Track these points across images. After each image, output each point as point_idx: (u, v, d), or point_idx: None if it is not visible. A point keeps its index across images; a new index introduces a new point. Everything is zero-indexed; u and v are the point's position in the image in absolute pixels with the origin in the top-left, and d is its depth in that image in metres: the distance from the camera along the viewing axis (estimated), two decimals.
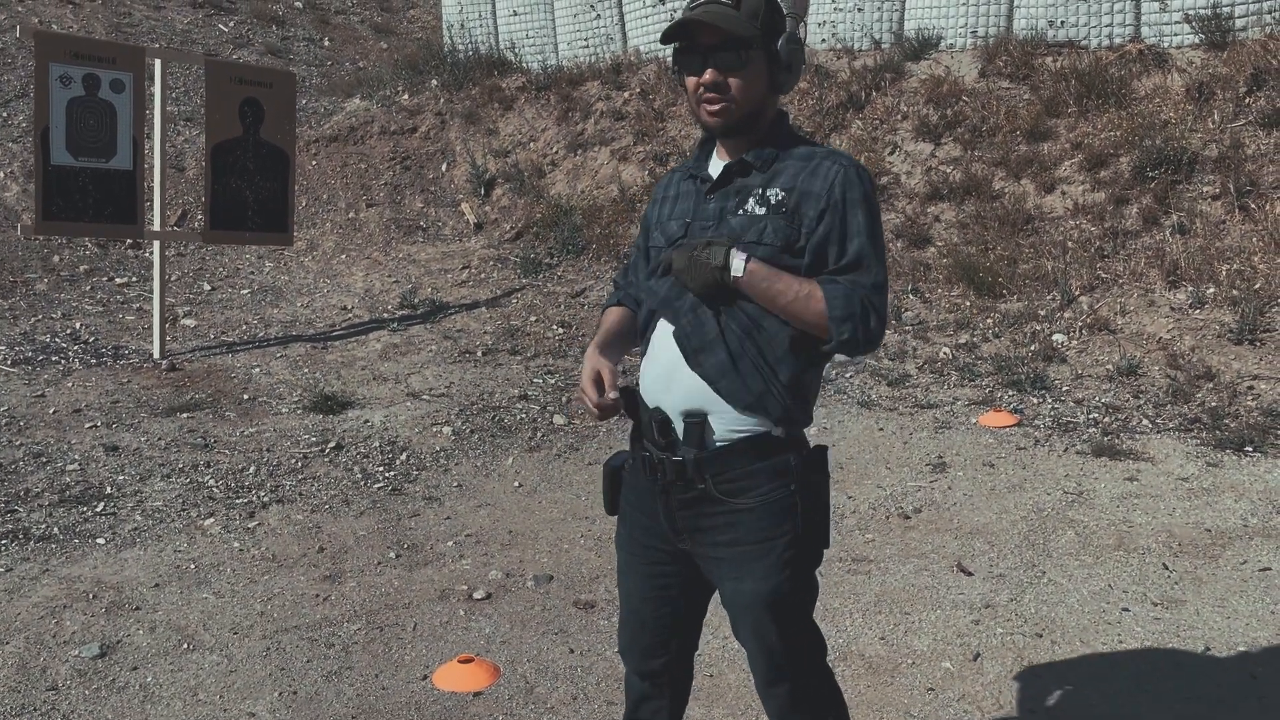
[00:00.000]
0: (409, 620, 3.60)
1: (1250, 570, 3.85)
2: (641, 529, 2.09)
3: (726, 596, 2.01)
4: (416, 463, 5.14)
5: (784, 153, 1.97)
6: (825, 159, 1.93)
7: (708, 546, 1.99)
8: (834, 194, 1.89)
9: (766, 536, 1.93)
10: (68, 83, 6.14)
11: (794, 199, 1.90)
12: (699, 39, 1.90)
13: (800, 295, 1.85)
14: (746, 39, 1.87)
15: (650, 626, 2.12)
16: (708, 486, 1.94)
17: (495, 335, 7.20)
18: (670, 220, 2.05)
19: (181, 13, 13.08)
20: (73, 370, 6.21)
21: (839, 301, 1.84)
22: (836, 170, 1.91)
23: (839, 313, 1.84)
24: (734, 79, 1.89)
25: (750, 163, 1.96)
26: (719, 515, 1.95)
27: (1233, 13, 7.58)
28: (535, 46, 11.27)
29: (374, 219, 9.65)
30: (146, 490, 4.67)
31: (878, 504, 4.58)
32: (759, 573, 1.94)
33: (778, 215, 1.90)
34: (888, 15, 9.11)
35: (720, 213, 1.96)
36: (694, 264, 1.87)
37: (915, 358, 6.44)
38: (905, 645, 3.39)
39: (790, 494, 1.93)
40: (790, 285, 1.86)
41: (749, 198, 1.94)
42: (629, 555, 2.13)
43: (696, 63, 1.91)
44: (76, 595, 3.72)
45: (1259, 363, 5.73)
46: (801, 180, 1.91)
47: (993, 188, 7.64)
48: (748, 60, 1.89)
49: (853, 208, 1.89)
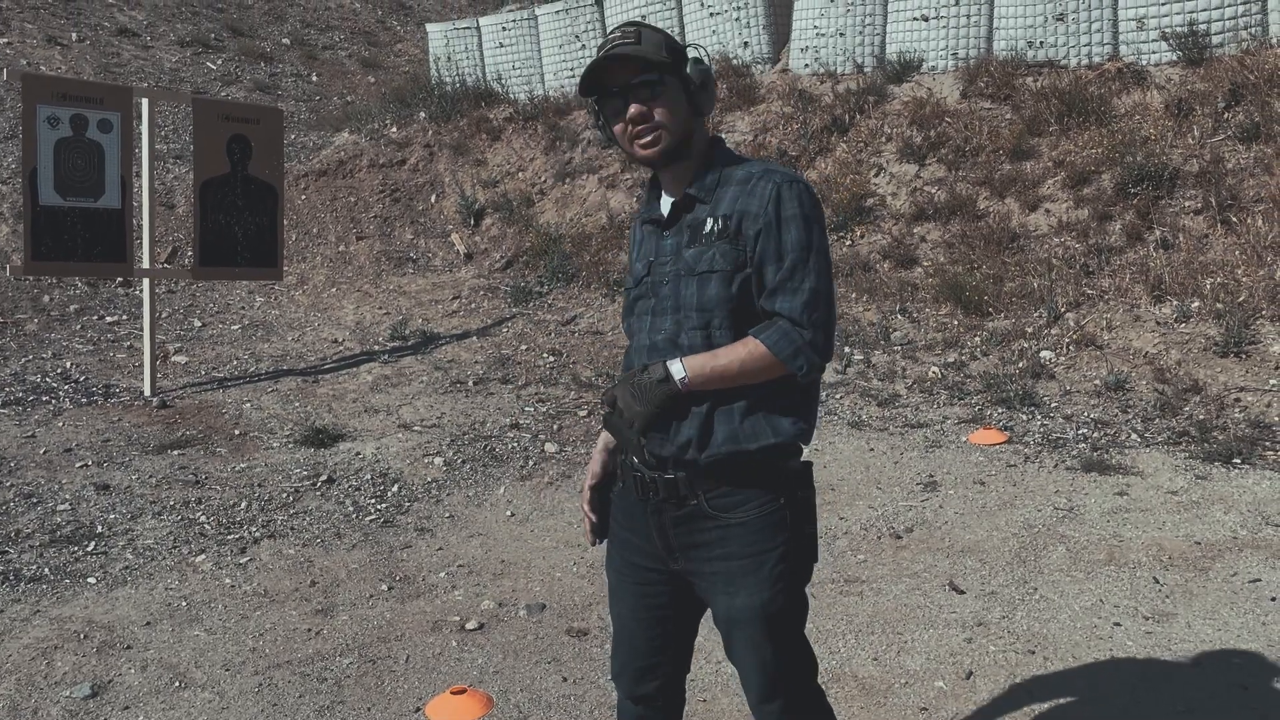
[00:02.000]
0: (401, 652, 3.60)
1: (1240, 582, 3.86)
2: (633, 550, 2.10)
3: (720, 613, 2.02)
4: (408, 494, 5.14)
5: (725, 177, 2.02)
6: (761, 178, 1.97)
7: (700, 562, 2.00)
8: (768, 213, 1.94)
9: (759, 550, 1.96)
10: (55, 124, 6.18)
11: (734, 221, 1.95)
12: (614, 80, 1.97)
13: (747, 358, 1.90)
14: (659, 64, 1.95)
15: (642, 649, 2.13)
16: (700, 502, 1.97)
17: (486, 364, 7.22)
18: (636, 263, 2.12)
19: (170, 51, 13.18)
20: (63, 410, 6.21)
21: (782, 344, 1.89)
22: (770, 188, 1.95)
23: (787, 352, 1.89)
24: (657, 108, 1.96)
25: (694, 195, 2.02)
26: (712, 530, 1.97)
27: (1209, 30, 7.68)
28: (521, 77, 11.36)
29: (364, 251, 9.68)
30: (138, 528, 4.66)
31: (869, 524, 4.59)
32: (752, 586, 1.96)
33: (722, 240, 1.95)
34: (869, 39, 9.21)
35: (676, 248, 2.01)
36: (639, 390, 1.92)
37: (904, 377, 6.47)
38: (898, 665, 3.39)
39: (781, 507, 1.97)
40: (732, 355, 1.90)
41: (700, 229, 1.99)
42: (619, 577, 2.14)
43: (618, 105, 1.98)
44: (67, 635, 3.71)
45: (1245, 375, 5.76)
46: (740, 202, 1.97)
47: (977, 207, 7.70)
48: (664, 88, 1.96)
49: (786, 225, 1.93)
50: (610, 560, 2.18)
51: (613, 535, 2.16)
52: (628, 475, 2.07)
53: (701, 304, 1.96)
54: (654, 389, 1.90)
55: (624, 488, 2.10)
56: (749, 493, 1.96)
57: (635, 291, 2.10)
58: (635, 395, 1.92)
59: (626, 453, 2.06)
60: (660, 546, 2.04)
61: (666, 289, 2.01)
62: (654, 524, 2.03)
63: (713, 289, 1.95)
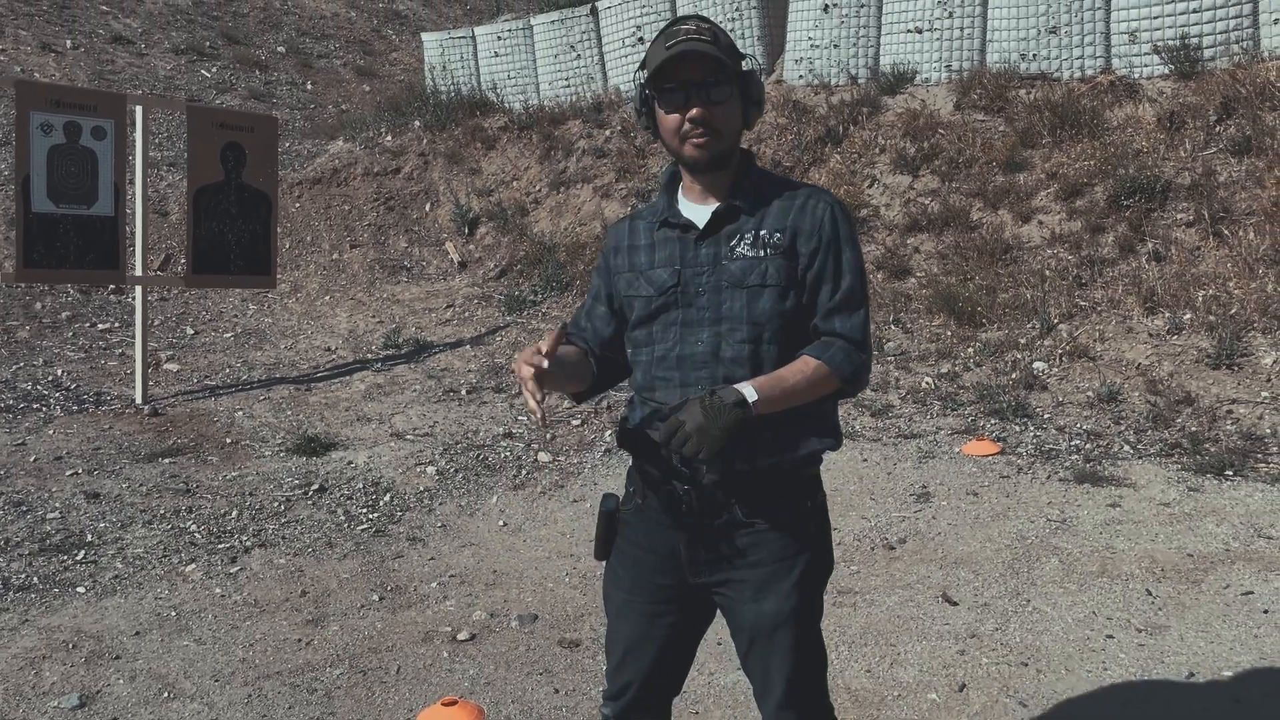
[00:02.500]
0: (392, 663, 3.58)
1: (1233, 595, 3.86)
2: (649, 568, 2.06)
3: (745, 620, 2.00)
4: (400, 503, 5.13)
5: (765, 192, 2.01)
6: (810, 197, 2.00)
7: (729, 571, 1.99)
8: (824, 232, 1.96)
9: (787, 555, 1.97)
10: (49, 130, 6.17)
11: (788, 238, 1.95)
12: (685, 73, 1.92)
13: (813, 378, 1.90)
14: (731, 69, 1.93)
15: (649, 669, 2.10)
16: (735, 512, 1.96)
17: (479, 373, 7.21)
18: (656, 269, 2.04)
19: (164, 59, 13.17)
20: (54, 417, 6.18)
21: (845, 365, 1.92)
22: (824, 209, 1.98)
23: (848, 373, 1.93)
24: (719, 112, 1.93)
25: (740, 207, 1.99)
26: (744, 538, 1.97)
27: (1200, 43, 7.72)
28: (517, 86, 11.37)
29: (358, 260, 9.67)
30: (127, 537, 4.64)
31: (863, 535, 4.58)
32: (782, 592, 1.96)
33: (777, 255, 1.95)
34: (863, 51, 9.24)
35: (714, 258, 1.98)
36: (713, 414, 1.79)
37: (898, 388, 6.47)
38: (891, 677, 3.38)
39: (808, 511, 2.01)
40: (797, 376, 1.90)
41: (742, 241, 1.97)
42: (630, 595, 2.10)
43: (680, 99, 1.93)
44: (56, 645, 3.68)
45: (1237, 387, 5.78)
46: (791, 219, 1.97)
47: (971, 218, 7.72)
48: (731, 94, 1.94)
49: (844, 246, 1.97)
50: (616, 579, 2.12)
51: (623, 554, 2.11)
52: (659, 490, 2.02)
53: (753, 317, 1.94)
54: (729, 413, 1.79)
55: (644, 504, 2.06)
56: (779, 497, 1.98)
57: (661, 300, 2.02)
58: (709, 418, 1.78)
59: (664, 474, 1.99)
60: (686, 561, 2.01)
61: (704, 299, 1.97)
62: (683, 539, 2.01)
63: (765, 302, 1.94)
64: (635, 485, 2.09)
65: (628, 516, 2.10)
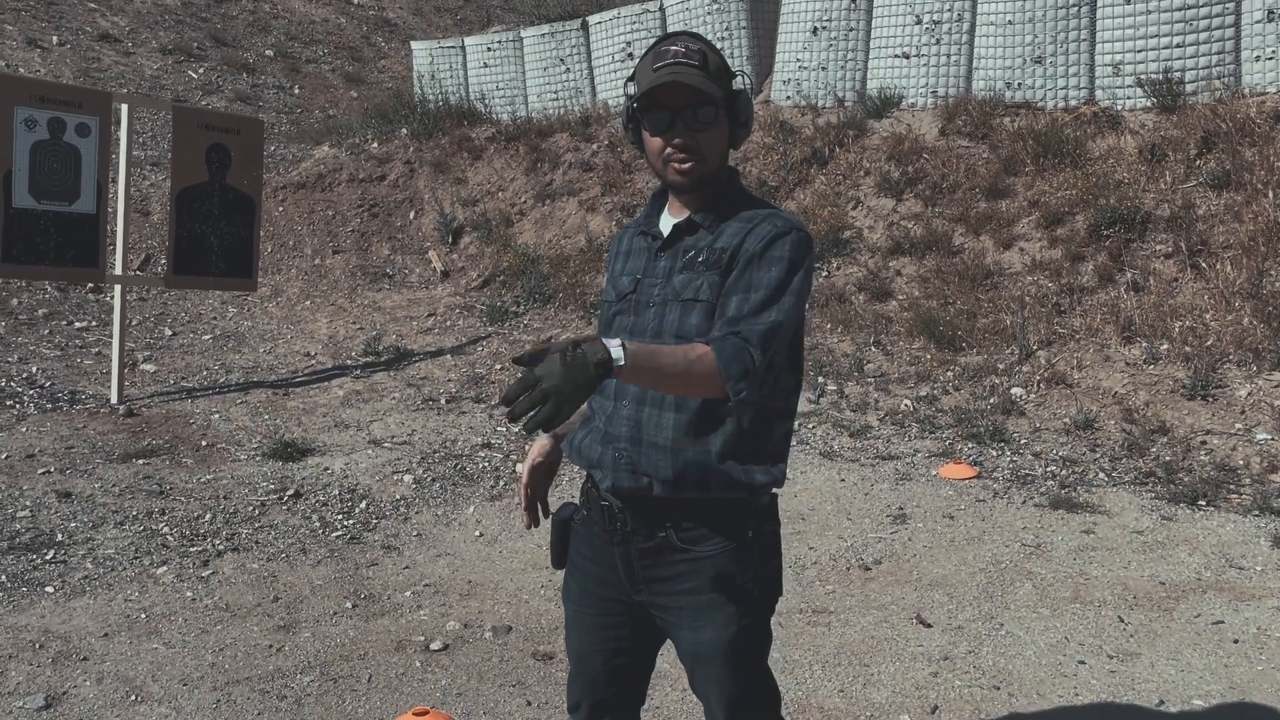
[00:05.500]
0: (364, 671, 3.55)
1: (1204, 624, 3.89)
2: (594, 580, 2.07)
3: (684, 648, 2.00)
4: (376, 511, 5.09)
5: (733, 211, 1.98)
6: (766, 220, 1.93)
7: (667, 596, 1.98)
8: (755, 249, 1.89)
9: (726, 585, 1.94)
10: (32, 126, 6.13)
11: (728, 256, 1.91)
12: (669, 101, 1.90)
13: (695, 364, 1.74)
14: (717, 99, 1.90)
15: (601, 681, 2.10)
16: (669, 534, 1.94)
17: (459, 383, 7.19)
18: (622, 276, 2.05)
19: (151, 59, 13.11)
20: (28, 415, 6.11)
21: (733, 361, 1.76)
22: (769, 230, 1.91)
23: (735, 370, 1.75)
24: (704, 139, 1.91)
25: (698, 222, 1.98)
26: (680, 563, 1.95)
27: (1183, 77, 7.83)
28: (505, 98, 11.39)
29: (340, 265, 9.64)
30: (99, 538, 4.59)
31: (838, 555, 4.59)
32: (719, 621, 1.94)
33: (712, 271, 1.91)
34: (850, 74, 9.32)
35: (668, 271, 1.97)
36: (570, 368, 1.58)
37: (877, 409, 6.50)
38: (864, 698, 3.38)
39: (749, 541, 1.95)
40: (678, 354, 1.75)
41: (697, 256, 1.95)
42: (578, 607, 2.11)
43: (664, 122, 1.91)
44: (22, 645, 3.63)
45: (1211, 418, 5.84)
46: (739, 239, 1.92)
47: (953, 243, 7.78)
48: (717, 119, 1.91)
49: (768, 264, 1.87)
50: (568, 590, 2.13)
51: (572, 564, 2.12)
52: (593, 504, 2.03)
53: (680, 331, 1.91)
54: (589, 370, 1.59)
55: (588, 516, 2.06)
56: (717, 526, 1.94)
57: (616, 307, 2.03)
58: (566, 371, 1.57)
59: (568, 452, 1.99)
60: (625, 578, 2.01)
61: (651, 312, 1.96)
62: (619, 555, 2.00)
63: (694, 319, 1.91)
64: (583, 496, 2.09)
65: (577, 527, 2.10)
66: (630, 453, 1.92)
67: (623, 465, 1.93)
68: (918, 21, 8.87)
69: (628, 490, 1.94)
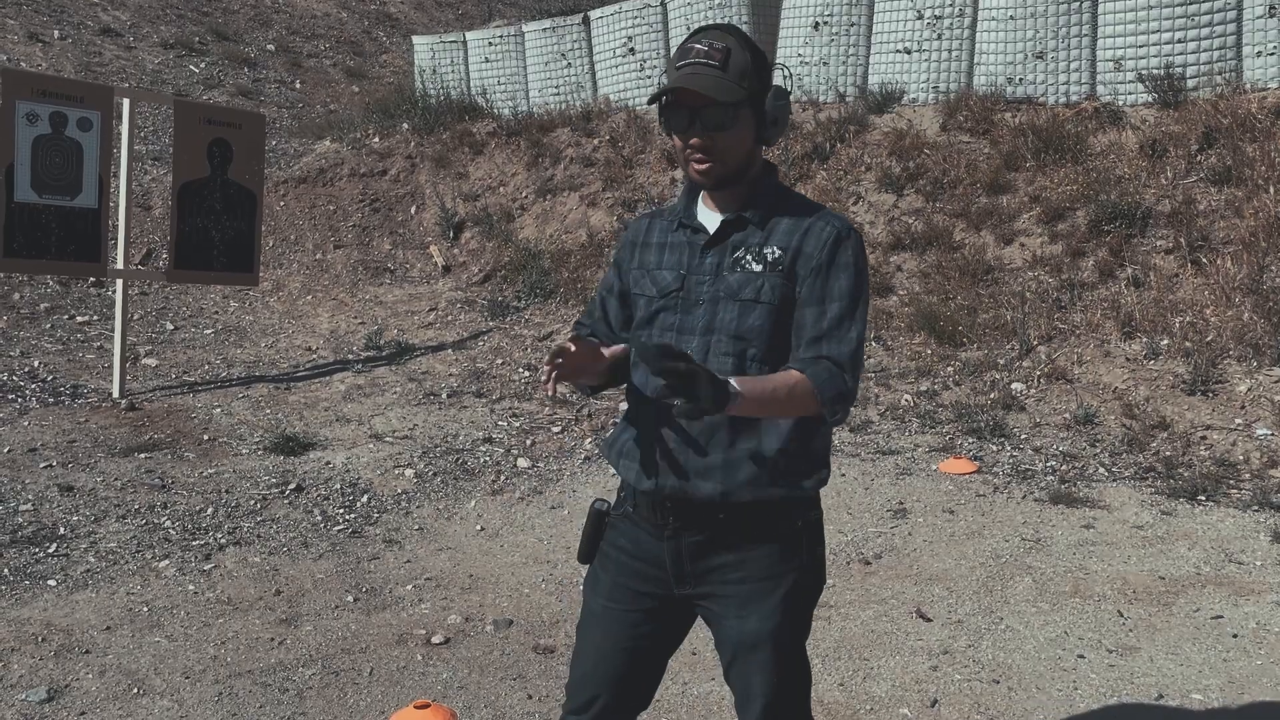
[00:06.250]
0: (365, 665, 3.56)
1: (1203, 618, 3.90)
2: (631, 574, 2.05)
3: (728, 635, 2.00)
4: (377, 505, 5.11)
5: (778, 208, 1.98)
6: (819, 219, 1.95)
7: (715, 585, 1.98)
8: (822, 256, 1.91)
9: (775, 573, 1.96)
10: (34, 120, 6.13)
11: (789, 258, 1.92)
12: (687, 100, 1.88)
13: (795, 391, 1.83)
14: (734, 104, 1.87)
15: (616, 679, 2.07)
16: (719, 532, 1.96)
17: (461, 377, 7.20)
18: (662, 270, 2.03)
19: (152, 53, 13.11)
20: (30, 409, 6.12)
21: (828, 386, 1.85)
22: (829, 232, 1.93)
23: (830, 395, 1.85)
24: (722, 138, 1.89)
25: (749, 219, 1.97)
26: (730, 553, 1.96)
27: (1184, 73, 7.82)
28: (506, 92, 11.39)
29: (341, 260, 9.65)
30: (101, 531, 4.60)
31: (839, 549, 4.60)
32: (765, 610, 1.95)
33: (775, 273, 1.92)
34: (852, 69, 9.31)
35: (717, 268, 1.96)
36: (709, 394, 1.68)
37: (877, 404, 6.51)
38: (864, 692, 3.40)
39: (798, 531, 1.98)
40: (780, 384, 1.83)
41: (746, 254, 1.95)
42: (608, 602, 2.07)
43: (683, 121, 1.90)
44: (25, 638, 3.64)
45: (1211, 413, 5.84)
46: (796, 239, 1.93)
47: (953, 239, 7.78)
48: (735, 120, 1.89)
49: (837, 271, 1.91)
50: (595, 584, 2.10)
51: (605, 558, 2.09)
52: (640, 500, 2.03)
53: (739, 331, 1.92)
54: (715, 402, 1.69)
55: (632, 512, 2.05)
56: (769, 516, 1.96)
57: (661, 303, 2.01)
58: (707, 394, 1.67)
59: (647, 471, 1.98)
60: (671, 571, 2.01)
61: (701, 310, 1.96)
62: (668, 548, 2.00)
63: (755, 319, 1.91)
64: (626, 491, 2.08)
65: (616, 521, 2.09)
66: (678, 457, 1.95)
67: (670, 470, 1.95)
68: (919, 16, 8.87)
69: (675, 493, 1.96)
